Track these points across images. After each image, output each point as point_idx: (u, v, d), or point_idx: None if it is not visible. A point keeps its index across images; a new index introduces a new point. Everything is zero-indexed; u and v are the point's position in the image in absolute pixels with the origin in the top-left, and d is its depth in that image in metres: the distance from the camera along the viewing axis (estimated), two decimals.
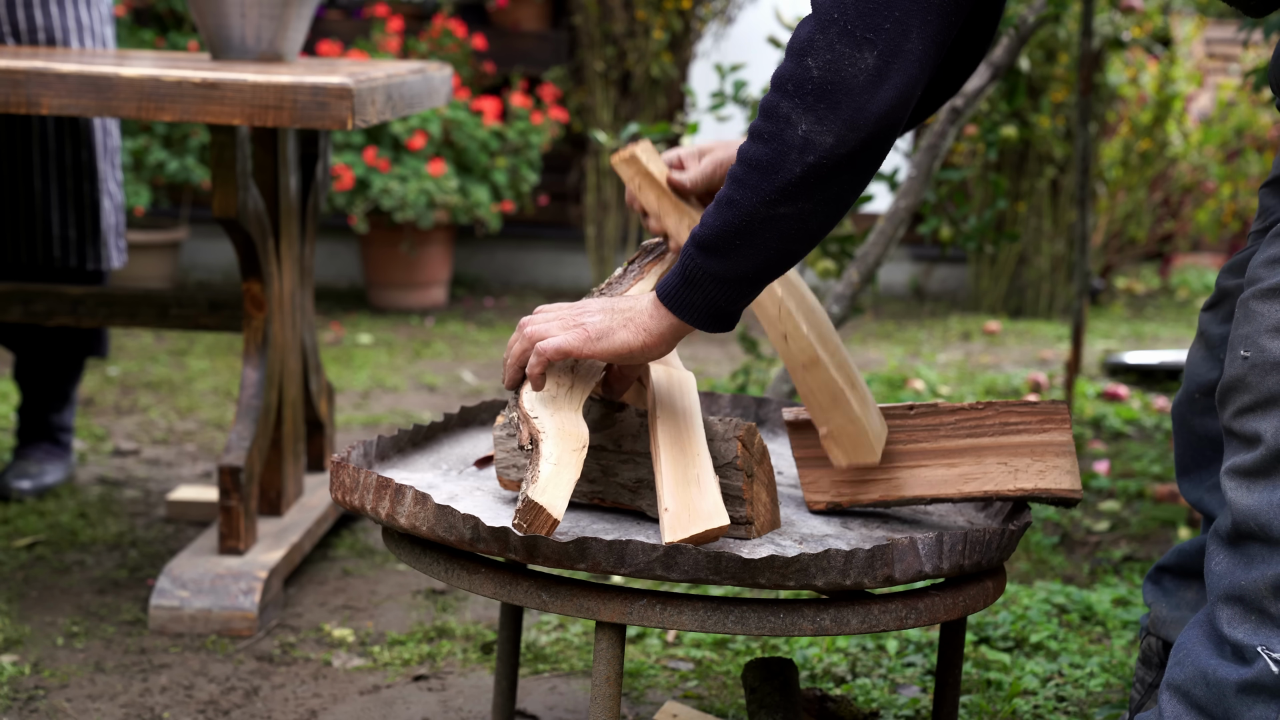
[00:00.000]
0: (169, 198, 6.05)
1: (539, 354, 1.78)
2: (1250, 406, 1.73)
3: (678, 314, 1.76)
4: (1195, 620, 1.81)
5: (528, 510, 1.71)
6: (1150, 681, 2.14)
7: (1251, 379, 1.73)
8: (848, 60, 1.63)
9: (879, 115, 1.64)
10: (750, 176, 1.68)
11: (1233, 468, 1.75)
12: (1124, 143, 6.23)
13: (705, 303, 1.74)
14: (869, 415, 1.91)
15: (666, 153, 1.99)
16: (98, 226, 3.36)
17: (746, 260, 1.72)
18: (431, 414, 4.29)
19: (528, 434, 1.78)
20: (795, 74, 1.65)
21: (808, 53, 1.64)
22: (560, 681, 2.56)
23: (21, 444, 3.52)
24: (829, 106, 1.63)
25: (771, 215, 1.68)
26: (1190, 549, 2.11)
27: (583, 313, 1.80)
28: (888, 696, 2.48)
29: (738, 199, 1.68)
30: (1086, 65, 3.98)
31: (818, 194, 1.67)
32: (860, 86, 1.63)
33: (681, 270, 1.74)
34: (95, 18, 3.34)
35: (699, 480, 1.78)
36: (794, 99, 1.65)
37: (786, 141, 1.65)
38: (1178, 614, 2.10)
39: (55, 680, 2.52)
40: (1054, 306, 6.11)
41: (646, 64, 5.99)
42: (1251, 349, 1.73)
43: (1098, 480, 3.64)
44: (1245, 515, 1.72)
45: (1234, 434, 1.76)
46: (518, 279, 6.43)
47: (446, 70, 3.18)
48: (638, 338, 1.77)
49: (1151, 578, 2.17)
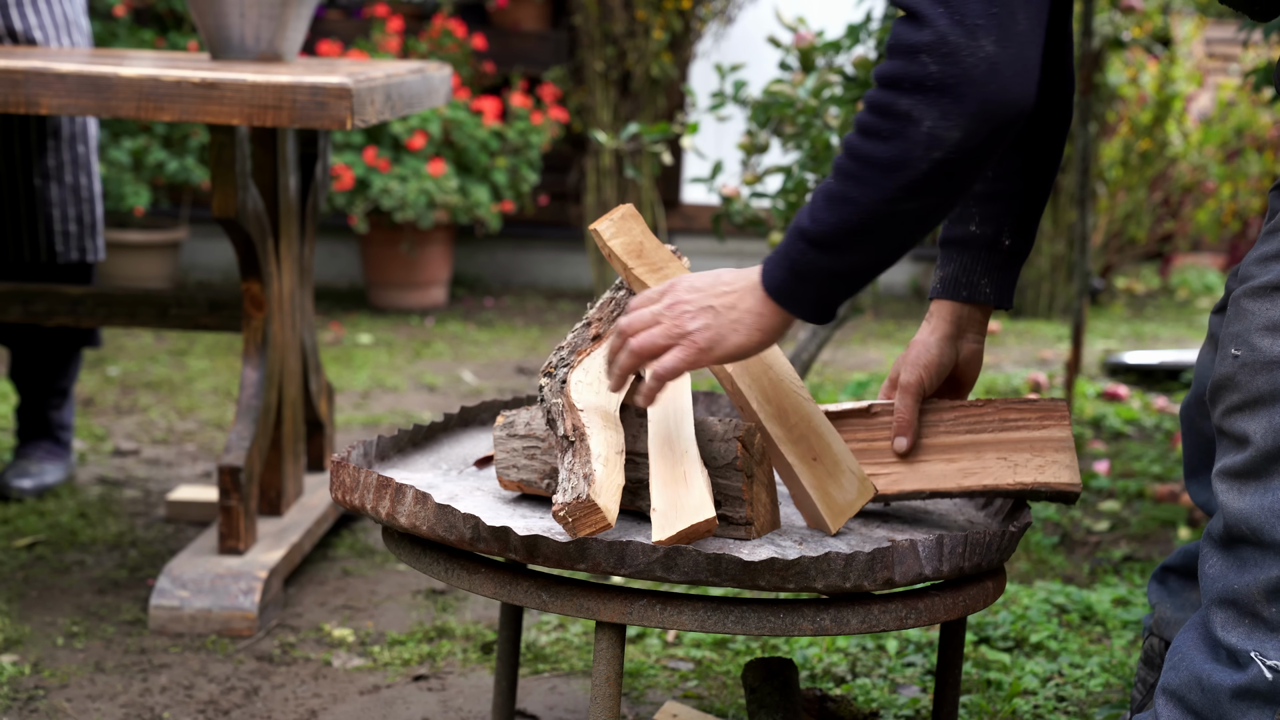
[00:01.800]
0: (169, 198, 6.05)
1: (658, 378, 1.75)
2: (1239, 406, 1.72)
3: (789, 308, 1.73)
4: (1190, 623, 1.80)
5: (580, 508, 1.70)
6: (1152, 682, 2.14)
7: (1241, 378, 1.71)
8: (966, 51, 1.59)
9: (1009, 101, 1.61)
10: (870, 174, 1.65)
11: (1223, 469, 1.74)
12: (1124, 143, 6.23)
13: (817, 296, 1.72)
14: (832, 487, 1.88)
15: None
16: (94, 219, 3.39)
17: (863, 255, 1.69)
18: (431, 414, 4.29)
19: (571, 424, 1.78)
20: (911, 71, 1.61)
21: (919, 49, 1.60)
22: (560, 681, 2.56)
23: (22, 443, 3.53)
24: (954, 100, 1.60)
25: (894, 212, 1.66)
26: (1195, 550, 2.10)
27: (681, 314, 1.76)
28: (888, 696, 2.48)
29: (855, 196, 1.66)
30: (1086, 65, 3.98)
31: (943, 187, 1.65)
32: (984, 75, 1.60)
33: (790, 265, 1.71)
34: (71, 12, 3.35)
35: (685, 477, 1.77)
36: (913, 95, 1.61)
37: (910, 139, 1.62)
38: (1182, 615, 2.09)
39: (55, 680, 2.52)
40: (1054, 306, 6.11)
41: (646, 64, 5.99)
42: (1242, 347, 1.72)
43: (1098, 480, 3.64)
44: (1237, 518, 1.71)
45: (1224, 434, 1.75)
46: (518, 279, 6.43)
47: (446, 70, 3.18)
48: (751, 339, 1.74)
49: (1156, 578, 2.16)
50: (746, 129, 3.58)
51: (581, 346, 1.93)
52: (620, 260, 1.96)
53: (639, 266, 1.95)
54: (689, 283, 1.77)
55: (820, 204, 1.68)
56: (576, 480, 1.72)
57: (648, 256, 1.97)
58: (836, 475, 1.88)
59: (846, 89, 3.41)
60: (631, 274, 1.96)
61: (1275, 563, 1.69)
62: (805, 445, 1.89)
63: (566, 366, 1.88)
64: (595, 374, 1.85)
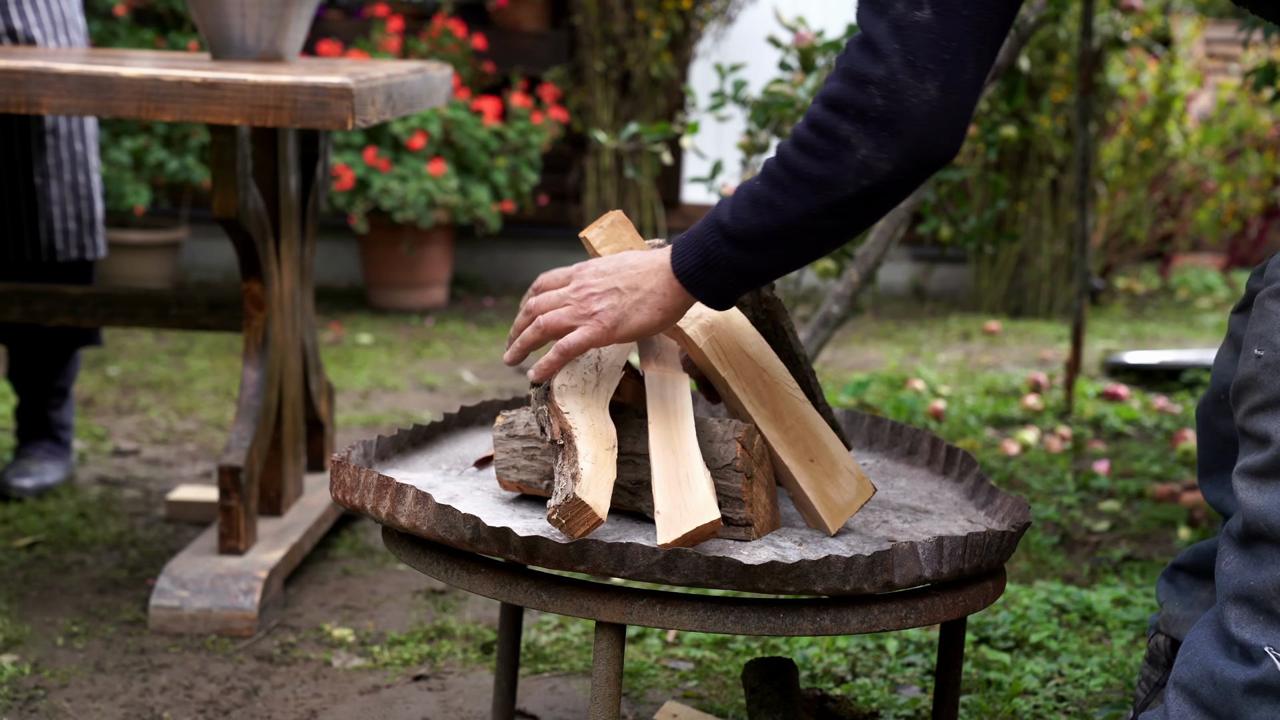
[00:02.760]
0: (169, 198, 6.05)
1: (562, 352, 1.82)
2: (1261, 405, 1.73)
3: (693, 293, 1.80)
4: (1204, 620, 1.81)
5: (570, 508, 1.70)
6: (1156, 680, 2.14)
7: (1264, 378, 1.73)
8: (910, 91, 1.67)
9: (940, 144, 1.69)
10: (799, 187, 1.72)
11: (1244, 468, 1.76)
12: (1124, 143, 6.23)
13: (721, 285, 1.79)
14: (830, 487, 1.89)
15: None
16: (93, 216, 3.40)
17: (774, 258, 1.77)
18: (431, 414, 4.29)
19: (559, 428, 1.78)
20: (857, 99, 1.68)
21: (870, 80, 1.67)
22: (560, 681, 2.56)
23: (22, 443, 3.53)
24: (891, 135, 1.68)
25: (814, 226, 1.74)
26: (1207, 548, 2.11)
27: (587, 297, 1.82)
28: (888, 696, 2.48)
29: (780, 204, 1.73)
30: (1086, 65, 3.98)
31: (864, 211, 1.73)
32: (924, 118, 1.68)
33: (703, 253, 1.78)
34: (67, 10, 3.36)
35: (689, 478, 1.78)
36: (855, 123, 1.68)
37: (844, 163, 1.70)
38: (1190, 613, 2.10)
39: (55, 680, 2.52)
40: (1054, 306, 6.11)
41: (646, 64, 5.99)
42: (1265, 347, 1.73)
43: (1098, 480, 3.64)
44: (1256, 515, 1.72)
45: (1246, 433, 1.77)
46: (518, 279, 6.43)
47: (446, 70, 3.18)
48: (653, 318, 1.81)
49: (1166, 576, 2.16)
50: (746, 129, 3.58)
51: None
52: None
53: None
54: (595, 267, 1.85)
55: (744, 203, 1.76)
56: (565, 481, 1.72)
57: None
58: (834, 476, 1.89)
59: None
60: None
61: None
62: (802, 447, 1.89)
63: None
64: (579, 377, 1.85)
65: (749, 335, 1.94)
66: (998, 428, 4.18)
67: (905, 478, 2.17)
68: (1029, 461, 3.82)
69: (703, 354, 1.92)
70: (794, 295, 3.92)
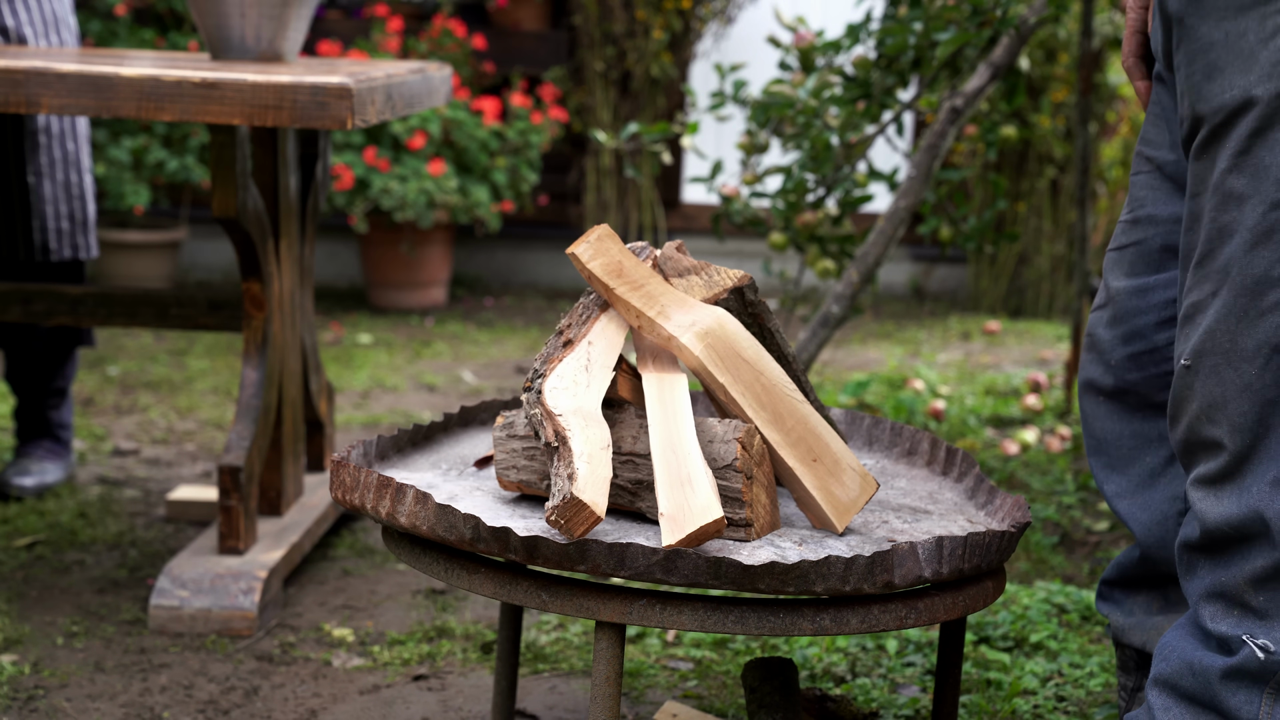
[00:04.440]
0: (169, 198, 6.05)
1: None
2: (1201, 413, 1.78)
3: None
4: (1178, 624, 1.87)
5: (568, 508, 1.70)
6: (1132, 686, 2.17)
7: (1197, 385, 1.78)
8: None
9: None
10: None
11: (1199, 478, 1.80)
12: (1124, 143, 6.23)
13: None
14: (834, 486, 1.89)
15: None
16: (86, 215, 3.39)
17: None
18: (431, 414, 4.29)
19: (552, 430, 1.78)
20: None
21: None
22: (560, 681, 2.56)
23: (22, 443, 3.53)
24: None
25: None
26: (1127, 560, 2.14)
27: None
28: (888, 696, 2.48)
29: None
30: (1086, 65, 3.98)
31: None
32: None
33: None
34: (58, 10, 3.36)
35: (690, 479, 1.78)
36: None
37: None
38: (1133, 619, 2.14)
39: (55, 680, 2.52)
40: (1054, 306, 6.11)
41: (646, 64, 5.99)
42: (1190, 356, 1.78)
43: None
44: (1220, 522, 1.77)
45: (1192, 444, 1.81)
46: (518, 279, 6.43)
47: (446, 70, 3.18)
48: None
49: (1100, 594, 2.21)
50: (746, 129, 3.58)
51: (554, 355, 1.93)
52: (601, 282, 1.96)
53: (620, 286, 1.96)
54: None
55: None
56: (562, 482, 1.72)
57: (628, 275, 1.97)
58: (838, 474, 1.89)
59: (846, 89, 3.41)
60: (614, 294, 1.96)
61: (1259, 554, 1.74)
62: (804, 447, 1.89)
63: (541, 377, 1.89)
64: (569, 378, 1.85)
65: (744, 340, 1.93)
66: (997, 428, 4.18)
67: (905, 478, 2.17)
68: (1029, 461, 3.82)
69: (699, 361, 1.91)
70: (794, 295, 3.92)
